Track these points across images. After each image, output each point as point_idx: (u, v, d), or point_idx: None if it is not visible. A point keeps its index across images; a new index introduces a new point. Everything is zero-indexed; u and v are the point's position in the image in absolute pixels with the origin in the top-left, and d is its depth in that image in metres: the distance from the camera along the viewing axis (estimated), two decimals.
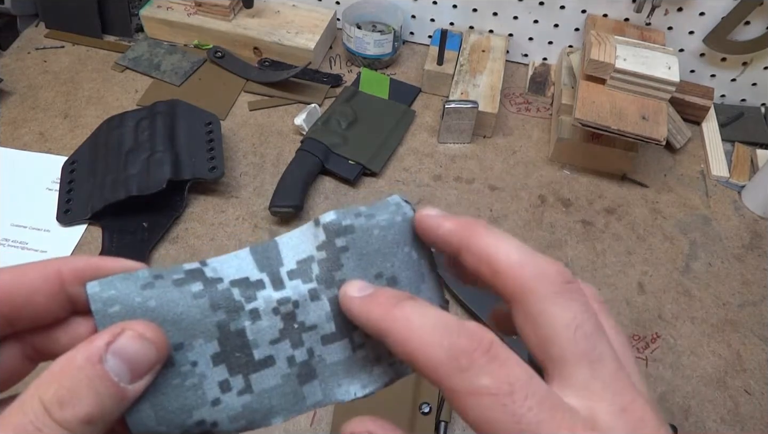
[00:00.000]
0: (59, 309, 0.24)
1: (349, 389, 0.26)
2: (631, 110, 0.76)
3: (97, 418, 0.21)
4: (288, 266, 0.26)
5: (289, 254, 0.27)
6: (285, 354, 0.25)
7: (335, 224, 0.26)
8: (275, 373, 0.25)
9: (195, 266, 0.25)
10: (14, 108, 0.86)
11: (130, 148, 0.76)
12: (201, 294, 0.24)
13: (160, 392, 0.24)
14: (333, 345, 0.26)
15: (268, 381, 0.25)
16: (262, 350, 0.25)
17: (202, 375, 0.24)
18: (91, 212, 0.72)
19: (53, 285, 0.23)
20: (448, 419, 0.59)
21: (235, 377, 0.25)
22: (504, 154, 0.85)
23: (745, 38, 0.86)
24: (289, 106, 0.89)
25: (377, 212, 0.26)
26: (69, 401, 0.20)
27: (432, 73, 0.90)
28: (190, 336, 0.24)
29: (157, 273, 0.24)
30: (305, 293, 0.26)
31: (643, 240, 0.77)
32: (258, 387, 0.25)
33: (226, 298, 0.25)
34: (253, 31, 0.94)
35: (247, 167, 0.81)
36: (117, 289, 0.24)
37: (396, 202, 0.27)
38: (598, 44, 0.78)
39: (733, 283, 0.73)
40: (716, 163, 0.85)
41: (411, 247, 0.27)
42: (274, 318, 0.25)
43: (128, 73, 0.92)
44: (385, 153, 0.83)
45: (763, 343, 0.68)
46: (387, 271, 0.26)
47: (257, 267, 0.26)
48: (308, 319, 0.26)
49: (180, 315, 0.24)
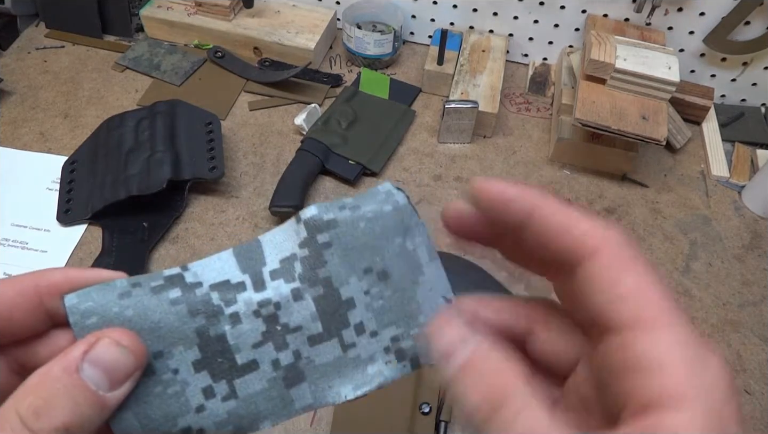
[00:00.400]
0: (38, 323, 0.24)
1: (341, 391, 0.25)
2: (631, 110, 0.76)
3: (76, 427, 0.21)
4: (271, 265, 0.25)
5: (273, 253, 0.26)
6: (269, 357, 0.25)
7: (316, 219, 0.25)
8: (260, 377, 0.25)
9: (175, 272, 0.25)
10: (14, 108, 0.86)
11: (130, 148, 0.76)
12: (178, 300, 0.24)
13: (143, 400, 0.24)
14: (321, 346, 0.25)
15: (254, 386, 0.25)
16: (244, 354, 0.25)
17: (184, 382, 0.24)
18: (91, 212, 0.72)
19: (31, 300, 0.23)
20: (448, 419, 0.59)
21: (218, 383, 0.24)
22: (504, 154, 0.85)
23: (745, 38, 0.86)
24: (289, 106, 0.89)
25: (363, 203, 0.25)
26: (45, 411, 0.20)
27: (432, 73, 0.90)
28: (169, 344, 0.24)
29: (135, 282, 0.24)
30: (287, 294, 0.25)
31: (643, 240, 0.77)
32: (243, 393, 0.25)
33: (204, 303, 0.24)
34: (253, 31, 0.94)
35: (247, 167, 0.81)
36: (94, 300, 0.24)
37: (386, 190, 0.26)
38: (599, 44, 0.78)
39: (733, 283, 0.73)
40: (716, 163, 0.85)
41: (404, 237, 0.26)
42: (256, 321, 0.25)
43: (128, 73, 0.92)
44: (385, 153, 0.83)
45: (763, 343, 0.68)
46: (377, 265, 0.25)
47: (239, 268, 0.25)
48: (292, 320, 0.25)
49: (158, 322, 0.24)
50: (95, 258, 0.69)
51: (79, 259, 0.70)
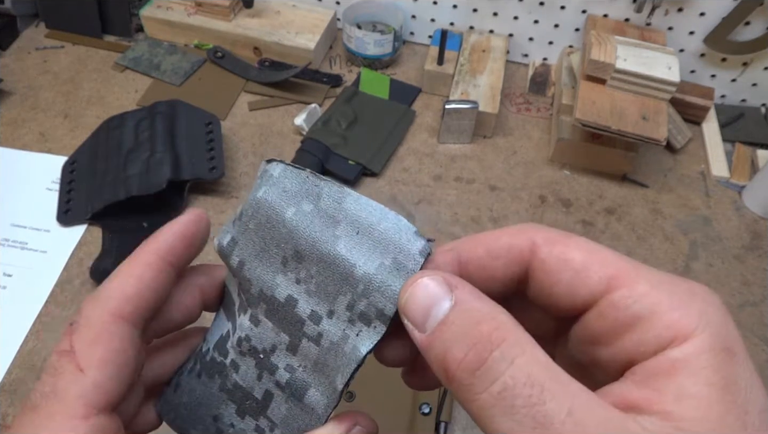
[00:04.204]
0: None
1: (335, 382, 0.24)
2: (631, 110, 0.76)
3: None
4: (237, 303, 0.27)
5: (232, 290, 0.28)
6: (272, 382, 0.26)
7: (220, 249, 0.26)
8: (279, 402, 0.26)
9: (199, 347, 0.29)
10: (14, 108, 0.86)
11: (130, 148, 0.76)
12: (200, 371, 0.28)
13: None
14: (300, 351, 0.25)
15: (281, 411, 0.26)
16: (258, 390, 0.27)
17: (241, 430, 0.27)
18: (91, 212, 0.72)
19: None
20: (448, 419, 0.59)
21: (259, 420, 0.27)
22: (504, 154, 0.85)
23: (746, 38, 0.86)
24: (289, 106, 0.89)
25: (244, 205, 0.26)
26: None
27: (432, 73, 0.90)
28: (215, 407, 0.28)
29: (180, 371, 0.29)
30: (248, 324, 0.26)
31: (644, 240, 0.77)
32: (278, 419, 0.26)
33: (212, 365, 0.28)
34: (253, 31, 0.93)
35: (247, 167, 0.81)
36: (167, 402, 0.28)
37: (260, 172, 0.26)
38: (599, 44, 0.78)
39: (733, 283, 0.73)
40: (716, 163, 0.85)
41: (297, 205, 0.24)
42: (246, 359, 0.26)
43: (128, 73, 0.92)
44: (385, 153, 0.83)
45: (763, 343, 0.68)
46: (286, 251, 0.24)
47: (226, 317, 0.28)
48: (266, 344, 0.26)
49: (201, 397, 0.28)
50: (95, 259, 0.69)
51: (79, 260, 0.70)
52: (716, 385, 0.18)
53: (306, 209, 0.24)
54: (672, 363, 0.19)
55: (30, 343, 0.64)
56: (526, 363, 0.18)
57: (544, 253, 0.22)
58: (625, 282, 0.20)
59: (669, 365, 0.19)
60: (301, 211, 0.24)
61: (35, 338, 0.64)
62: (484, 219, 0.78)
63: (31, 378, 0.61)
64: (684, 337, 0.19)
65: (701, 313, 0.19)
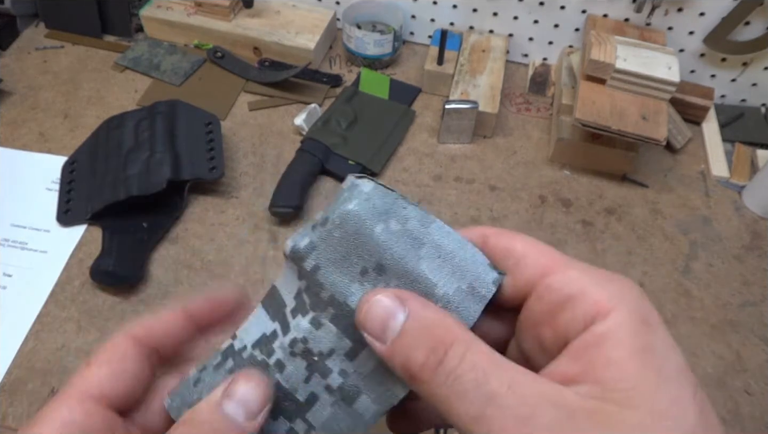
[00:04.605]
0: None
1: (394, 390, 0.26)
2: (631, 110, 0.76)
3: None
4: (290, 305, 0.27)
5: (287, 292, 0.28)
6: (321, 386, 0.27)
7: (295, 251, 0.26)
8: (323, 405, 0.27)
9: (227, 344, 0.28)
10: (14, 108, 0.86)
11: (130, 148, 0.76)
12: (233, 369, 0.27)
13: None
14: (360, 357, 0.26)
15: (323, 415, 0.27)
16: (302, 392, 0.27)
17: (270, 431, 0.27)
18: (91, 212, 0.72)
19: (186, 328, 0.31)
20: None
21: (295, 422, 0.27)
22: (504, 154, 0.85)
23: (745, 38, 0.86)
24: (289, 106, 0.89)
25: (330, 211, 0.26)
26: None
27: (432, 73, 0.90)
28: None
29: (202, 367, 0.28)
30: (307, 326, 0.26)
31: (644, 240, 0.77)
32: (317, 423, 0.27)
33: (252, 363, 0.27)
34: (253, 31, 0.93)
35: (247, 167, 0.81)
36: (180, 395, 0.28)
37: (348, 186, 0.26)
38: (599, 44, 0.78)
39: (733, 283, 0.73)
40: (716, 163, 0.85)
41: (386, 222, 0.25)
42: (295, 360, 0.27)
43: (128, 73, 0.92)
44: (385, 153, 0.83)
45: (763, 343, 0.68)
46: (369, 263, 0.25)
47: (270, 317, 0.28)
48: (324, 347, 0.26)
49: None
50: (95, 259, 0.69)
51: (79, 260, 0.70)
52: (635, 350, 0.21)
53: (394, 228, 0.25)
54: (598, 336, 0.22)
55: (30, 343, 0.64)
56: (471, 354, 0.22)
57: (492, 243, 0.26)
58: (558, 269, 0.24)
59: (595, 338, 0.22)
60: (389, 229, 0.25)
61: (35, 338, 0.64)
62: (484, 219, 0.78)
63: (31, 378, 0.61)
64: (606, 312, 0.22)
65: (620, 292, 0.23)
